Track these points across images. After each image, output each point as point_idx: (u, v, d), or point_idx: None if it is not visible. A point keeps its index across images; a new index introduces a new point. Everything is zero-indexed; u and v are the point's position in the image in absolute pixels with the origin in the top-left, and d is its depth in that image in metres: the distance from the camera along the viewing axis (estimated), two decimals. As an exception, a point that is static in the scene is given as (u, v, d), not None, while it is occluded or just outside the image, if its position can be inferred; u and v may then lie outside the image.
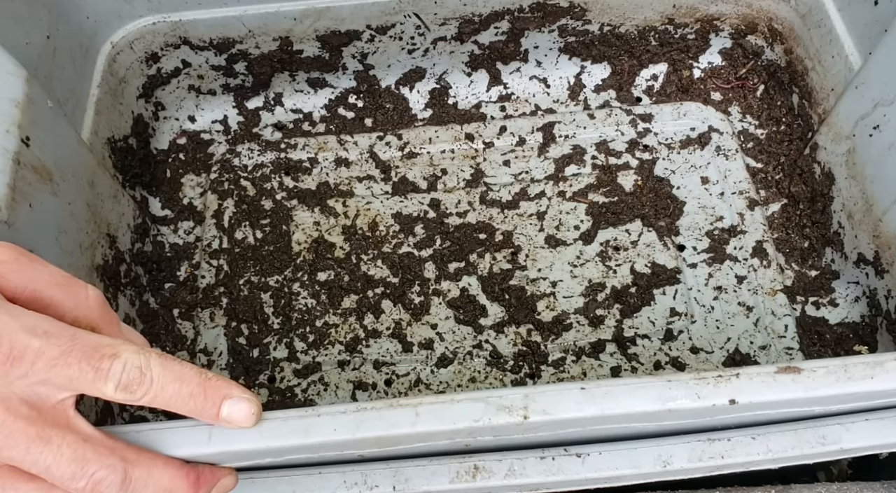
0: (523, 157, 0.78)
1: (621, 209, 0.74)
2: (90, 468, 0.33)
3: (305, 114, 0.82)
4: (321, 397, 0.67)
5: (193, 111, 0.81)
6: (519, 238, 0.73)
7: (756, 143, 0.78)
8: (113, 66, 0.73)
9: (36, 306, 0.35)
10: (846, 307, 0.68)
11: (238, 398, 0.36)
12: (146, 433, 0.36)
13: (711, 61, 0.82)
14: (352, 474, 0.40)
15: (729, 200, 0.74)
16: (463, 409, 0.37)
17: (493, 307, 0.70)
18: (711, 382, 0.37)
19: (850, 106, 0.65)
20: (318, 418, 0.37)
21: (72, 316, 0.36)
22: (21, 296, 0.35)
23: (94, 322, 0.37)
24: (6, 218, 0.49)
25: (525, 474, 0.40)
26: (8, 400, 0.32)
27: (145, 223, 0.73)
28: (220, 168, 0.79)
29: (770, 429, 0.40)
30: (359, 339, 0.69)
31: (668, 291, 0.70)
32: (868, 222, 0.64)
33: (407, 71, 0.81)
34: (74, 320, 0.36)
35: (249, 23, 0.74)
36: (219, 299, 0.71)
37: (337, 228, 0.75)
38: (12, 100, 0.53)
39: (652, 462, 0.40)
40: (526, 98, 0.82)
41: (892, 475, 0.46)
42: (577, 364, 0.67)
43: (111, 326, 0.38)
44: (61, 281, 0.36)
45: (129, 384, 0.34)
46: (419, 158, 0.79)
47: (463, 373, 0.67)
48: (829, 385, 0.37)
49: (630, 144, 0.78)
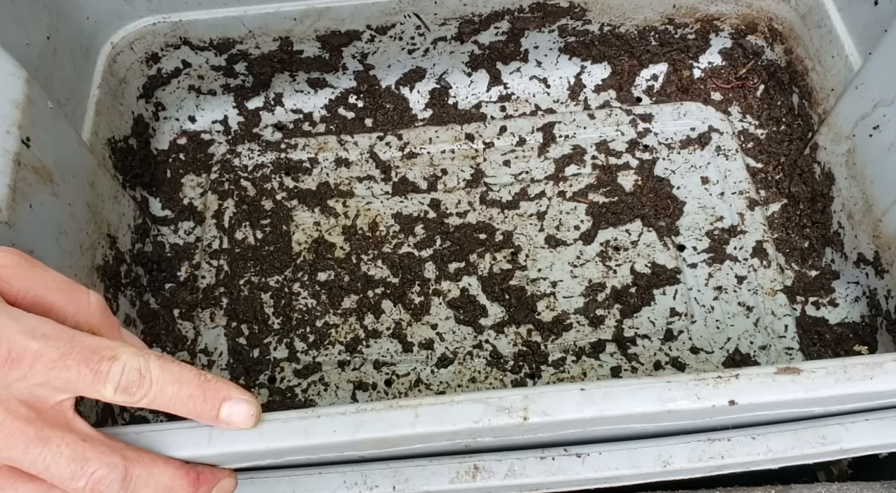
0: (523, 157, 0.78)
1: (621, 209, 0.74)
2: (90, 466, 0.33)
3: (305, 114, 0.82)
4: (321, 398, 0.67)
5: (194, 111, 0.81)
6: (519, 238, 0.73)
7: (756, 143, 0.78)
8: (113, 66, 0.73)
9: (38, 310, 0.35)
10: (846, 307, 0.68)
11: (237, 400, 0.36)
12: (146, 435, 0.36)
13: (711, 61, 0.82)
14: (352, 474, 0.41)
15: (729, 200, 0.74)
16: (463, 410, 0.37)
17: (493, 307, 0.70)
18: (711, 383, 0.37)
19: (850, 106, 0.65)
20: (317, 419, 0.37)
21: (73, 321, 0.36)
22: (23, 301, 0.35)
23: (96, 328, 0.37)
24: (6, 219, 0.49)
25: (525, 474, 0.40)
26: (7, 401, 0.33)
27: (146, 224, 0.73)
28: (220, 168, 0.79)
29: (770, 429, 0.40)
30: (359, 339, 0.69)
31: (668, 291, 0.70)
32: (868, 222, 0.64)
33: (407, 71, 0.81)
34: (76, 326, 0.36)
35: (249, 23, 0.74)
36: (219, 300, 0.71)
37: (337, 228, 0.75)
38: (12, 101, 0.53)
39: (652, 462, 0.40)
40: (526, 98, 0.82)
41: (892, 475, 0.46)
42: (577, 364, 0.67)
43: (112, 331, 0.38)
44: (63, 286, 0.36)
45: (128, 386, 0.34)
46: (419, 158, 0.79)
47: (463, 373, 0.67)
48: (829, 386, 0.37)
49: (630, 144, 0.78)
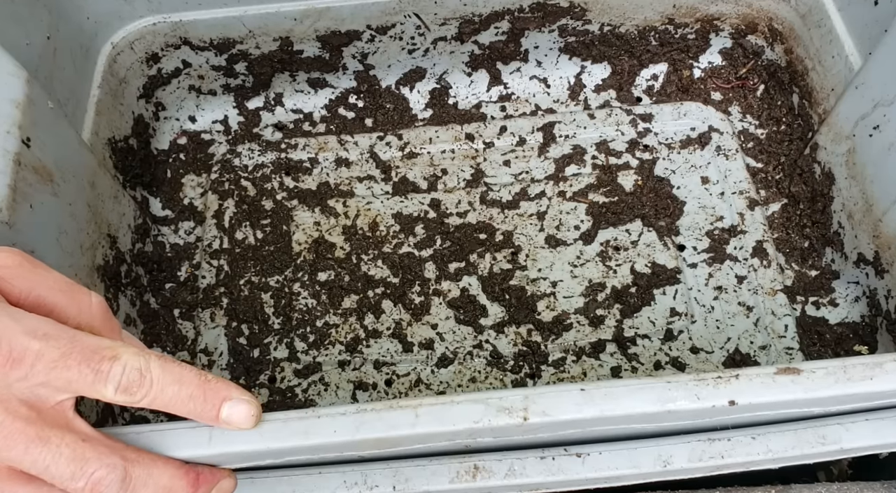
0: (523, 157, 0.78)
1: (621, 209, 0.74)
2: (89, 467, 0.33)
3: (306, 114, 0.82)
4: (321, 398, 0.67)
5: (194, 111, 0.81)
6: (519, 238, 0.73)
7: (756, 143, 0.78)
8: (113, 66, 0.73)
9: (39, 311, 0.36)
10: (846, 307, 0.68)
11: (238, 400, 0.36)
12: (146, 435, 0.36)
13: (712, 61, 0.82)
14: (352, 474, 0.41)
15: (729, 200, 0.74)
16: (463, 410, 0.37)
17: (493, 307, 0.70)
18: (711, 383, 0.37)
19: (850, 106, 0.65)
20: (318, 419, 0.37)
21: (75, 323, 0.36)
22: (25, 301, 0.35)
23: (97, 330, 0.37)
24: (7, 219, 0.49)
25: (525, 474, 0.40)
26: (7, 401, 0.33)
27: (146, 224, 0.73)
28: (220, 168, 0.79)
29: (770, 429, 0.40)
30: (359, 339, 0.69)
31: (668, 291, 0.70)
32: (868, 222, 0.64)
33: (407, 71, 0.81)
34: (77, 327, 0.36)
35: (250, 23, 0.74)
36: (219, 300, 0.72)
37: (337, 228, 0.75)
38: (13, 101, 0.53)
39: (652, 462, 0.40)
40: (526, 98, 0.82)
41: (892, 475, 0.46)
42: (578, 364, 0.67)
43: (113, 333, 0.38)
44: (65, 287, 0.37)
45: (128, 386, 0.34)
46: (419, 158, 0.79)
47: (463, 373, 0.67)
48: (829, 386, 0.37)
49: (630, 143, 0.78)
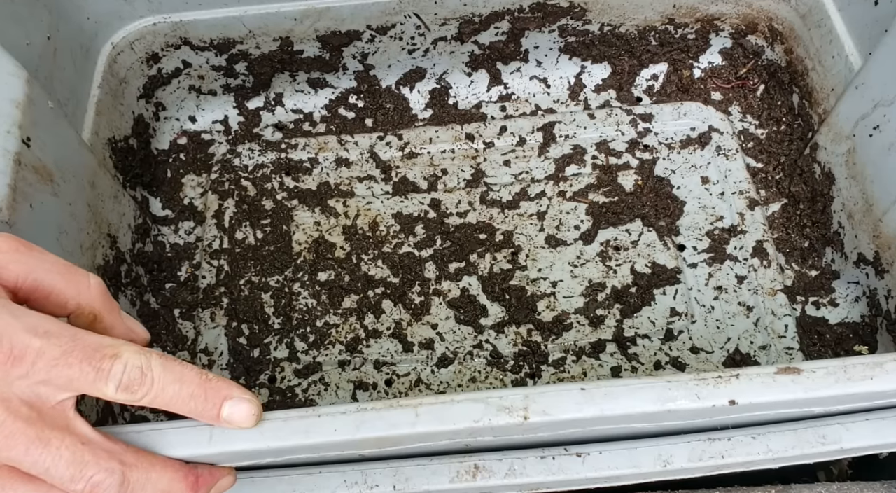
0: (523, 157, 0.78)
1: (621, 209, 0.74)
2: (88, 470, 0.33)
3: (306, 114, 0.82)
4: (322, 398, 0.67)
5: (194, 111, 0.81)
6: (519, 238, 0.73)
7: (756, 143, 0.78)
8: (113, 66, 0.73)
9: (38, 294, 0.36)
10: (846, 307, 0.68)
11: (238, 399, 0.36)
12: (146, 434, 0.36)
13: (712, 61, 0.82)
14: (352, 473, 0.41)
15: (729, 200, 0.74)
16: (463, 410, 0.37)
17: (493, 307, 0.70)
18: (711, 383, 0.37)
19: (850, 106, 0.65)
20: (318, 418, 0.37)
21: (74, 304, 0.36)
22: (23, 285, 0.35)
23: (96, 310, 0.37)
24: (7, 218, 0.49)
25: (525, 473, 0.40)
26: (8, 400, 0.33)
27: (146, 223, 0.74)
28: (220, 168, 0.79)
29: (770, 429, 0.40)
30: (359, 339, 0.69)
31: (668, 291, 0.70)
32: (868, 222, 0.64)
33: (407, 71, 0.81)
34: (77, 308, 0.36)
35: (250, 23, 0.74)
36: (219, 299, 0.72)
37: (337, 228, 0.75)
38: (13, 101, 0.53)
39: (652, 462, 0.40)
40: (526, 98, 0.82)
41: (892, 475, 0.46)
42: (578, 364, 0.67)
43: (112, 314, 0.38)
44: (62, 269, 0.36)
45: (129, 385, 0.34)
46: (419, 158, 0.79)
47: (463, 373, 0.67)
48: (829, 386, 0.37)
49: (630, 143, 0.78)
